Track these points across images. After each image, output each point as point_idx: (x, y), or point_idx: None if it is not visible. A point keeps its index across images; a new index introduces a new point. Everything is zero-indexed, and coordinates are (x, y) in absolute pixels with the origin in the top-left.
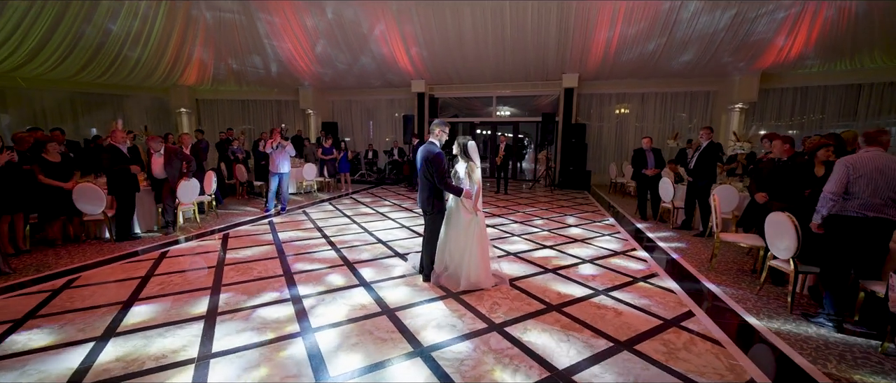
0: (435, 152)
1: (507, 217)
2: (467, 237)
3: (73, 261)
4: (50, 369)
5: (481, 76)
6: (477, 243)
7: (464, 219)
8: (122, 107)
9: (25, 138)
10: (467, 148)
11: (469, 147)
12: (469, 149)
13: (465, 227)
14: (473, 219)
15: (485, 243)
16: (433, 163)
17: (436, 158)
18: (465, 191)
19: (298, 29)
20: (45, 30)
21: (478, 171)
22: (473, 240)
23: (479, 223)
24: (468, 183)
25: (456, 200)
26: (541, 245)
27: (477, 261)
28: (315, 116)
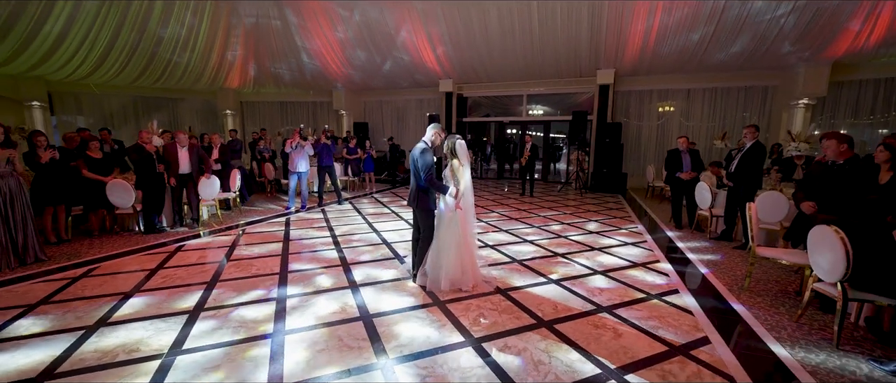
0: (422, 150)
1: (524, 221)
2: (448, 236)
3: (102, 251)
4: (34, 355)
5: (510, 74)
6: (455, 242)
7: (445, 217)
8: (176, 109)
9: (74, 137)
10: (455, 147)
11: (457, 146)
12: (457, 148)
13: (446, 226)
14: (454, 218)
15: (465, 243)
16: (420, 159)
17: (422, 155)
18: (451, 189)
19: (329, 31)
20: (108, 39)
21: (463, 171)
22: (452, 239)
23: (459, 222)
24: (453, 182)
25: (447, 201)
26: (551, 252)
27: (453, 261)
28: (347, 117)
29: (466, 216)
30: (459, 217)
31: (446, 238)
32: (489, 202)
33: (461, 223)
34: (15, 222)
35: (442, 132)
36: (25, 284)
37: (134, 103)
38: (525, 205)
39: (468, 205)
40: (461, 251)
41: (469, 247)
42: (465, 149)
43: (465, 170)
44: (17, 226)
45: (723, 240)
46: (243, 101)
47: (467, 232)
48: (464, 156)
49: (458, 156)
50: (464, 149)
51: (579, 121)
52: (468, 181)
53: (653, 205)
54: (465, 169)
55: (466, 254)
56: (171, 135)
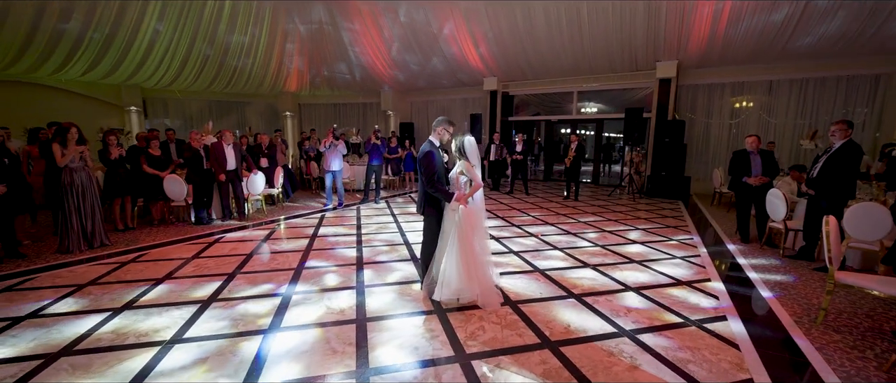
0: (425, 151)
1: (559, 226)
2: (451, 241)
3: (155, 239)
4: (64, 331)
5: (558, 70)
6: (457, 248)
7: (447, 219)
8: (244, 111)
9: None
10: (464, 146)
11: (465, 144)
12: (465, 146)
13: (449, 230)
14: (457, 221)
15: (470, 249)
16: (421, 162)
17: (424, 158)
18: (457, 194)
19: (375, 33)
20: (184, 51)
21: (474, 172)
22: (454, 244)
23: (462, 226)
24: (461, 184)
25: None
26: (581, 262)
27: (455, 268)
28: (394, 117)
29: (473, 220)
30: (464, 220)
31: (450, 243)
32: (527, 205)
33: (466, 227)
34: (85, 211)
35: (449, 127)
36: (85, 266)
37: (210, 107)
38: (566, 209)
39: (477, 209)
40: (466, 258)
41: (475, 254)
42: (475, 148)
43: (476, 171)
44: (87, 215)
45: (800, 260)
46: (301, 104)
47: (473, 237)
48: (474, 155)
49: (467, 156)
50: (474, 148)
51: (634, 120)
52: (478, 181)
53: (718, 214)
54: (477, 170)
55: (472, 261)
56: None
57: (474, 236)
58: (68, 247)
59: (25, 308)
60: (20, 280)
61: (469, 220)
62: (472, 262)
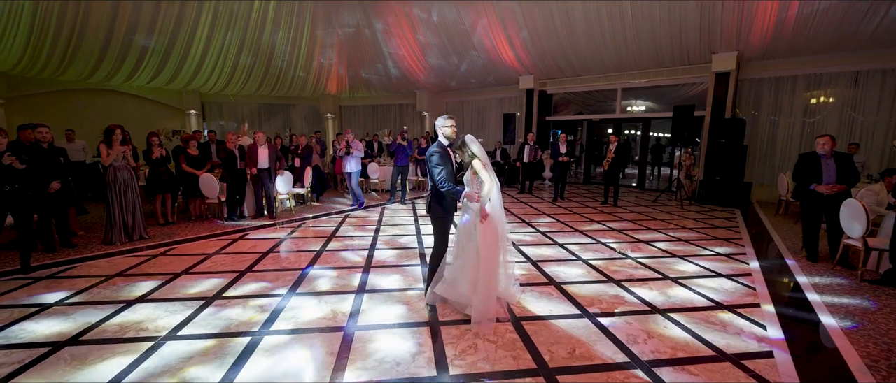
0: (431, 150)
1: (590, 234)
2: (467, 252)
3: (188, 234)
4: (78, 321)
5: (600, 66)
6: (472, 260)
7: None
8: (289, 113)
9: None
10: (465, 143)
11: (468, 140)
12: (467, 143)
13: (465, 240)
14: (475, 231)
15: (488, 262)
16: (428, 161)
17: (430, 157)
18: (467, 193)
19: (409, 34)
20: (233, 57)
21: (488, 173)
22: (470, 255)
23: (479, 236)
24: (475, 186)
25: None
26: (605, 276)
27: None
28: (429, 118)
29: (492, 229)
30: (482, 230)
31: (465, 254)
32: (558, 209)
33: (484, 237)
34: (126, 206)
35: (448, 122)
36: (121, 257)
37: (259, 109)
38: (601, 215)
39: (496, 218)
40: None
41: (489, 268)
42: (476, 144)
43: (489, 173)
44: (128, 210)
45: (885, 286)
46: (342, 106)
47: (491, 250)
48: (481, 152)
49: (477, 155)
50: (475, 144)
51: (683, 118)
52: (493, 186)
53: (783, 225)
54: (489, 171)
55: (486, 274)
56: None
57: (498, 245)
58: (111, 239)
59: (57, 295)
60: (64, 268)
61: (490, 226)
62: (487, 278)
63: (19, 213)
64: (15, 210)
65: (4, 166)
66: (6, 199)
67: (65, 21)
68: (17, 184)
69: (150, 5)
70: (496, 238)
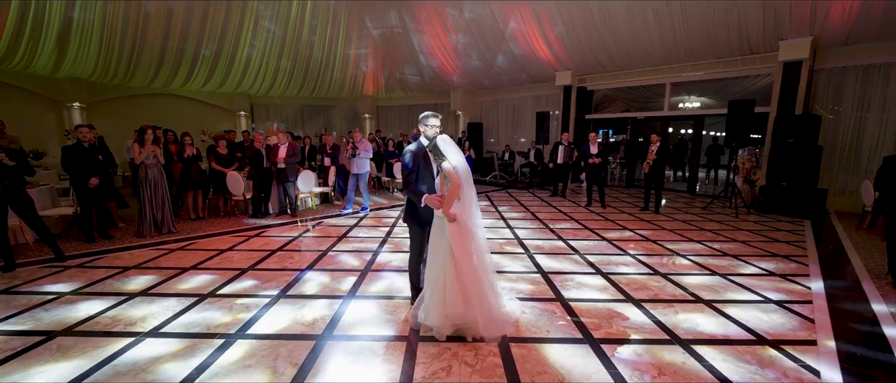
0: (405, 149)
1: (618, 244)
2: (437, 260)
3: (212, 229)
4: (79, 312)
5: (645, 59)
6: (451, 265)
7: (433, 233)
8: (330, 114)
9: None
10: (437, 144)
11: (439, 142)
12: (439, 144)
13: (433, 246)
14: (442, 237)
15: (463, 266)
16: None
17: (402, 155)
18: (428, 197)
19: (441, 32)
20: (274, 61)
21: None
22: (446, 260)
23: (448, 244)
24: (443, 190)
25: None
26: (625, 296)
27: (449, 289)
28: (463, 117)
29: (464, 231)
30: (454, 232)
31: (440, 260)
32: (589, 215)
33: (457, 239)
34: (156, 202)
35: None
36: (144, 250)
37: (302, 110)
38: (637, 223)
39: (467, 230)
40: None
41: (474, 274)
42: (450, 144)
43: (468, 185)
44: (157, 205)
45: None
46: (379, 106)
47: (468, 252)
48: (451, 152)
49: (445, 154)
50: (449, 144)
51: (740, 115)
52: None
53: (867, 242)
54: (468, 184)
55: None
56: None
57: (471, 250)
58: (142, 232)
59: (74, 285)
60: (93, 258)
61: (459, 232)
62: (471, 283)
63: (25, 209)
64: (15, 205)
65: None
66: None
67: (127, 33)
68: (6, 180)
69: (198, 14)
70: (465, 240)
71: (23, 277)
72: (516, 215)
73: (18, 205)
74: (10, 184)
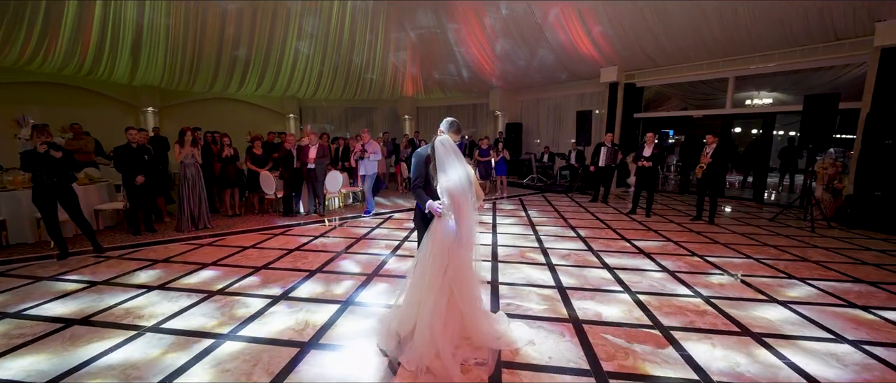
0: (416, 151)
1: (657, 256)
2: (418, 276)
3: (244, 226)
4: (100, 302)
5: (703, 50)
6: (426, 288)
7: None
8: (372, 115)
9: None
10: (435, 148)
11: (437, 149)
12: (437, 152)
13: (420, 261)
14: (425, 250)
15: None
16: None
17: (415, 155)
18: (430, 204)
19: (478, 30)
20: (317, 64)
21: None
22: (423, 281)
23: (431, 261)
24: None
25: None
26: (652, 322)
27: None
28: (502, 118)
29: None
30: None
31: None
32: (630, 224)
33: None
34: (193, 199)
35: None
36: (178, 244)
37: (345, 112)
38: (684, 234)
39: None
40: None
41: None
42: (447, 151)
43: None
44: (194, 202)
45: None
46: (419, 107)
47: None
48: (451, 165)
49: (441, 168)
50: (446, 149)
51: (819, 112)
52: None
53: None
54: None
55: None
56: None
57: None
58: (180, 227)
59: (106, 275)
60: (132, 250)
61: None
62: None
63: (69, 204)
64: (62, 201)
65: (47, 159)
66: (53, 191)
67: (187, 42)
68: (55, 177)
69: (247, 21)
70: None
71: (71, 265)
72: (547, 221)
73: (65, 200)
74: (60, 181)
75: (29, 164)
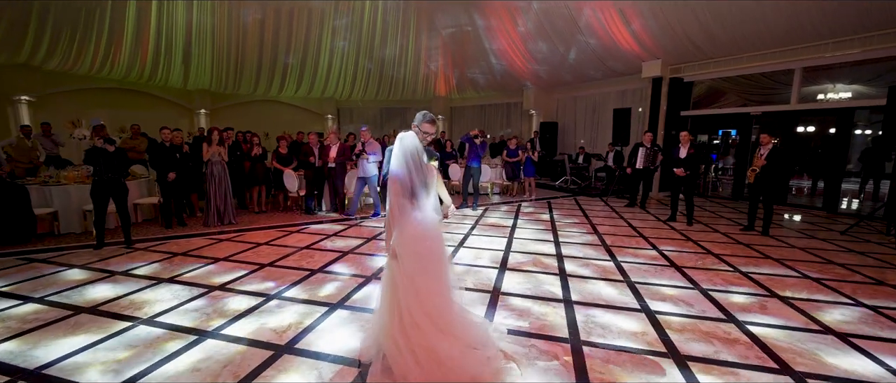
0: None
1: (686, 272)
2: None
3: (267, 222)
4: (112, 291)
5: (763, 39)
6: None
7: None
8: (405, 116)
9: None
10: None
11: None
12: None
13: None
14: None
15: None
16: None
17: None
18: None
19: (511, 27)
20: (351, 66)
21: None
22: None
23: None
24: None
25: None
26: (665, 349)
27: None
28: (536, 117)
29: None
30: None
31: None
32: (668, 233)
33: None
34: (219, 195)
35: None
36: (199, 239)
37: (380, 113)
38: (730, 246)
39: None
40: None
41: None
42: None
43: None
44: (220, 198)
45: None
46: (452, 107)
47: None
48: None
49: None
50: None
51: None
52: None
53: None
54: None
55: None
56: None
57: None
58: (207, 222)
59: (127, 266)
60: (158, 243)
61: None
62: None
63: (119, 198)
64: (114, 195)
65: (105, 155)
66: (107, 186)
67: (231, 47)
68: (110, 173)
69: (285, 26)
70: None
71: (102, 254)
72: (571, 226)
73: (117, 194)
74: (114, 177)
75: (91, 159)
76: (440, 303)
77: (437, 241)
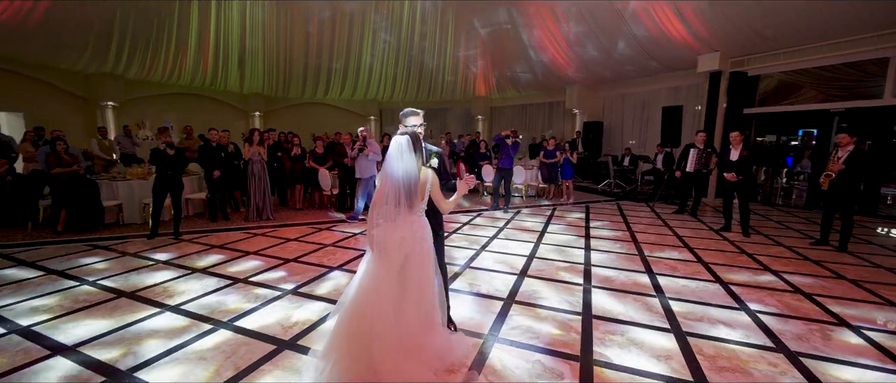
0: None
1: (734, 288)
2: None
3: (301, 219)
4: (153, 279)
5: (841, 25)
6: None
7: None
8: (445, 117)
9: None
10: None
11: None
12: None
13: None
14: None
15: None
16: None
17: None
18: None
19: (551, 24)
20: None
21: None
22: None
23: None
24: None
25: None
26: (698, 380)
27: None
28: (580, 116)
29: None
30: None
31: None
32: (717, 244)
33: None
34: (258, 192)
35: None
36: (237, 232)
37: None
38: (795, 263)
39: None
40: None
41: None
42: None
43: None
44: (259, 195)
45: None
46: (492, 107)
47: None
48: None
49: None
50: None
51: None
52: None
53: None
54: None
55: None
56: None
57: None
58: (247, 217)
59: (169, 256)
60: (201, 235)
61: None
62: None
63: (175, 193)
64: (171, 190)
65: (166, 155)
66: (166, 182)
67: (279, 53)
68: (170, 170)
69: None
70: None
71: (153, 244)
72: (608, 234)
73: (174, 190)
74: (173, 174)
75: (154, 159)
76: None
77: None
